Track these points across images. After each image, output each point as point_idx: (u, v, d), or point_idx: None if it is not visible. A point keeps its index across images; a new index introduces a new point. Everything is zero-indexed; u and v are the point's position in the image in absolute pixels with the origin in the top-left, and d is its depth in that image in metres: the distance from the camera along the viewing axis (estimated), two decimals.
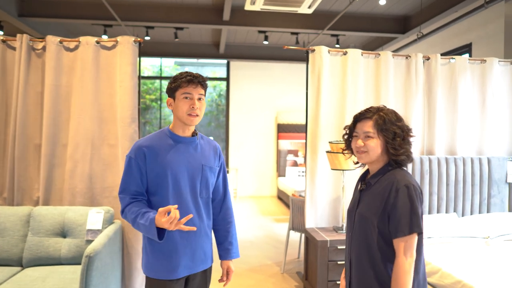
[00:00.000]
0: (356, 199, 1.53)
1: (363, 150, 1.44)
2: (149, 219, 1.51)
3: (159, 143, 1.67)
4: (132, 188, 1.64)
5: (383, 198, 1.39)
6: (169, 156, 1.64)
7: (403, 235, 1.34)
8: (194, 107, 1.61)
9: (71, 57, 2.96)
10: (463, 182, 3.41)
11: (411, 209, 1.34)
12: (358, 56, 3.38)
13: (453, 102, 3.52)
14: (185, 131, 1.69)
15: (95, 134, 2.96)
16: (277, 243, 4.78)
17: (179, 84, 1.63)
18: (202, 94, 1.66)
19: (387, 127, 1.41)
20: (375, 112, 1.44)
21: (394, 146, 1.41)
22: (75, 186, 2.94)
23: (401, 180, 1.38)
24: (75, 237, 2.68)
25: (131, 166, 1.64)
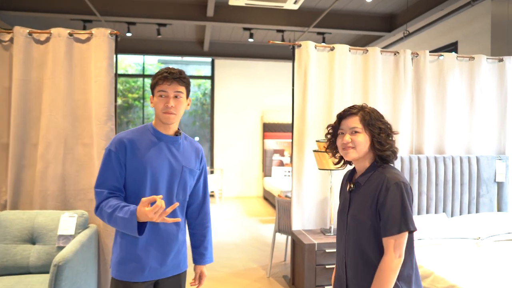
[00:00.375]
0: (346, 200, 1.50)
1: (351, 146, 1.42)
2: (130, 211, 1.44)
3: (141, 138, 1.60)
4: (110, 183, 1.55)
5: (374, 198, 1.37)
6: (151, 152, 1.58)
7: (392, 234, 1.32)
8: (168, 105, 1.55)
9: (41, 50, 2.77)
10: (452, 182, 3.34)
11: (402, 206, 1.32)
12: (345, 51, 3.27)
13: (442, 100, 3.45)
14: (166, 128, 1.62)
15: (68, 132, 2.78)
16: (263, 245, 4.64)
17: (156, 81, 1.58)
18: (179, 91, 1.58)
19: (373, 122, 1.42)
20: (359, 109, 1.45)
21: (380, 140, 1.41)
22: (47, 188, 2.75)
23: (391, 178, 1.36)
24: (46, 244, 2.49)
25: (110, 160, 1.55)
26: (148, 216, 1.38)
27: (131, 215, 1.43)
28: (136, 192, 1.56)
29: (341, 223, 1.51)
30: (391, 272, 1.31)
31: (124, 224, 1.45)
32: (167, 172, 1.59)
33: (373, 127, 1.41)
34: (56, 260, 2.09)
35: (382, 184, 1.36)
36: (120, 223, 1.46)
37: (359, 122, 1.42)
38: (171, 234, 1.62)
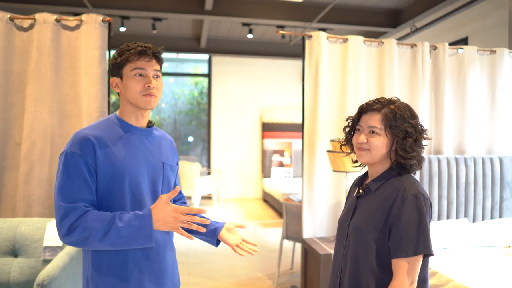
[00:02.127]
0: (351, 207, 1.28)
1: (365, 148, 1.21)
2: (139, 215, 1.14)
3: (108, 134, 1.24)
4: (82, 195, 1.16)
5: (386, 208, 1.16)
6: (124, 151, 1.24)
7: (406, 256, 1.10)
8: (150, 86, 1.22)
9: (24, 38, 2.48)
10: (474, 184, 3.10)
11: (419, 224, 1.11)
12: (359, 43, 3.02)
13: (462, 97, 3.21)
14: (138, 118, 1.29)
15: (55, 130, 2.49)
16: (267, 252, 4.37)
17: (127, 57, 1.23)
18: (158, 70, 1.28)
19: (398, 124, 1.18)
20: (385, 105, 1.21)
21: (404, 147, 1.18)
22: (31, 193, 2.46)
23: (409, 188, 1.15)
24: (29, 257, 2.20)
25: (76, 165, 1.16)
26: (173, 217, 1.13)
27: (144, 219, 1.13)
28: (112, 204, 1.21)
29: (341, 233, 1.30)
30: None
31: (135, 233, 1.13)
32: (147, 173, 1.28)
33: (396, 130, 1.18)
34: (40, 279, 1.80)
35: (397, 195, 1.15)
36: (127, 234, 1.12)
37: (379, 122, 1.20)
38: (163, 243, 1.30)
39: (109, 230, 1.12)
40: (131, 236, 1.13)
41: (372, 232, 1.17)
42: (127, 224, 1.13)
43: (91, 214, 1.14)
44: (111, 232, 1.12)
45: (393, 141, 1.20)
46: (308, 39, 2.94)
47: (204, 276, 3.61)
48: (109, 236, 1.12)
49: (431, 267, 2.39)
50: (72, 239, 1.13)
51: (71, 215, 1.13)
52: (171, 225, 1.15)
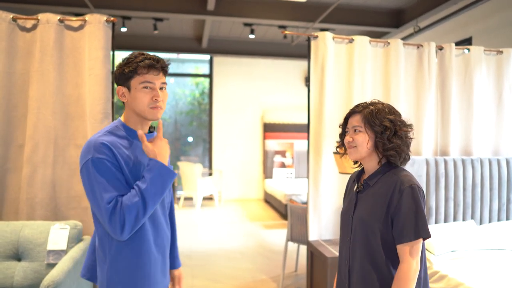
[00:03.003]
0: (352, 202, 1.43)
1: (352, 145, 1.36)
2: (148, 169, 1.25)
3: (117, 139, 1.30)
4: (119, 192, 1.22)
5: (385, 200, 1.31)
6: (134, 156, 1.31)
7: (409, 240, 1.27)
8: (158, 99, 1.29)
9: (28, 39, 2.44)
10: (481, 186, 3.07)
11: (417, 212, 1.27)
12: (365, 44, 2.99)
13: (468, 97, 3.18)
14: (143, 126, 1.36)
15: (58, 132, 2.45)
16: (270, 253, 4.33)
17: (136, 69, 1.27)
18: (164, 83, 1.34)
19: (375, 120, 1.33)
20: (365, 107, 1.38)
21: (382, 140, 1.32)
22: (35, 195, 2.43)
23: (405, 180, 1.30)
24: (33, 260, 2.16)
25: (107, 167, 1.22)
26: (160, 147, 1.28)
27: (153, 166, 1.24)
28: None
29: (345, 225, 1.44)
30: (410, 281, 1.25)
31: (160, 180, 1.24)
32: None
33: (374, 125, 1.32)
34: (45, 284, 1.77)
35: (394, 187, 1.30)
36: (156, 187, 1.23)
37: (360, 121, 1.35)
38: (167, 239, 1.42)
39: (143, 196, 1.21)
40: (160, 185, 1.24)
41: (376, 223, 1.31)
42: (148, 182, 1.22)
43: (125, 198, 1.21)
44: (145, 197, 1.21)
45: (375, 137, 1.33)
46: (314, 39, 2.91)
47: (208, 278, 3.57)
48: (148, 200, 1.21)
49: (440, 270, 2.36)
50: (128, 228, 1.19)
51: (115, 210, 1.19)
52: (167, 149, 1.31)
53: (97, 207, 1.20)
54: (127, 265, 1.27)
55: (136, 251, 1.28)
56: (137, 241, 1.28)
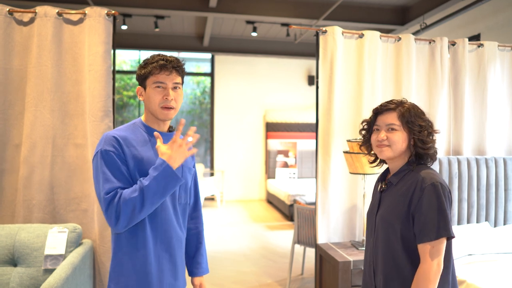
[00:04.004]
0: (376, 201, 1.41)
1: (386, 144, 1.33)
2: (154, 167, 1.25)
3: (134, 136, 1.35)
4: (121, 185, 1.27)
5: (407, 198, 1.28)
6: (148, 151, 1.35)
7: (429, 240, 1.22)
8: (168, 98, 1.33)
9: (25, 33, 2.33)
10: (495, 187, 2.96)
11: (439, 210, 1.22)
12: (376, 39, 2.88)
13: (482, 94, 3.07)
14: (160, 125, 1.41)
15: (57, 131, 2.34)
16: (275, 256, 4.22)
17: (150, 70, 1.34)
18: (178, 83, 1.38)
19: (413, 120, 1.32)
20: (398, 104, 1.36)
21: (422, 138, 1.31)
22: (32, 197, 2.31)
23: (427, 178, 1.26)
24: (30, 266, 2.05)
25: (112, 160, 1.27)
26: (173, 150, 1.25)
27: (160, 166, 1.23)
28: None
29: (369, 225, 1.43)
30: (430, 283, 1.20)
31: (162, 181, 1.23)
32: None
33: (412, 125, 1.32)
34: None
35: (416, 185, 1.27)
36: (157, 187, 1.23)
37: (397, 119, 1.33)
38: (179, 241, 1.41)
39: (143, 193, 1.22)
40: (161, 185, 1.23)
41: (398, 222, 1.28)
42: (152, 179, 1.22)
43: (125, 191, 1.24)
44: (145, 193, 1.21)
45: (410, 135, 1.32)
46: (323, 34, 2.80)
47: (212, 282, 3.47)
48: (146, 197, 1.21)
49: (458, 276, 2.25)
50: (123, 221, 1.21)
51: (113, 202, 1.22)
52: (183, 153, 1.27)
53: (98, 196, 1.27)
54: (128, 259, 1.31)
55: (133, 244, 1.30)
56: (134, 236, 1.30)
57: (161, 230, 1.34)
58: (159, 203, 1.27)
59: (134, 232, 1.30)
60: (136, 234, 1.30)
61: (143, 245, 1.31)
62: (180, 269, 1.42)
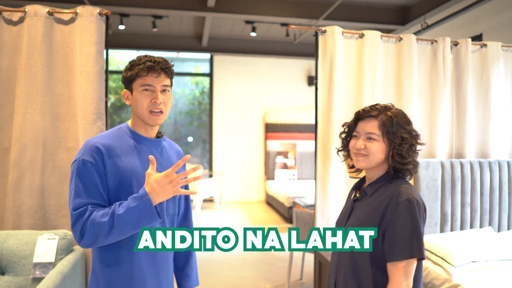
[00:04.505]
0: (348, 210, 1.34)
1: (363, 153, 1.25)
2: (135, 196, 1.15)
3: (118, 143, 1.27)
4: (93, 201, 1.19)
5: (380, 212, 1.21)
6: (133, 160, 1.26)
7: (401, 259, 1.15)
8: (157, 102, 1.26)
9: (14, 33, 2.26)
10: (499, 190, 2.89)
11: (413, 229, 1.16)
12: (377, 39, 2.80)
13: (485, 96, 3.00)
14: (148, 131, 1.33)
15: (47, 134, 2.27)
16: (273, 260, 4.15)
17: (137, 72, 1.26)
18: (167, 85, 1.30)
19: (395, 130, 1.23)
20: (382, 111, 1.25)
21: (401, 152, 1.22)
22: (22, 202, 2.25)
23: (404, 193, 1.19)
24: (18, 274, 1.98)
25: (87, 171, 1.20)
26: (160, 185, 1.13)
27: (140, 198, 1.14)
28: None
29: None
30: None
31: (137, 215, 1.14)
32: None
33: (393, 136, 1.22)
34: None
35: (391, 199, 1.20)
36: (130, 218, 1.14)
37: (377, 128, 1.24)
38: (165, 255, 1.34)
39: (113, 220, 1.14)
40: (135, 218, 1.14)
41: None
42: (127, 209, 1.14)
43: (98, 212, 1.16)
44: (115, 221, 1.13)
45: (390, 147, 1.23)
46: (322, 34, 2.73)
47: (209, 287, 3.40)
48: (116, 226, 1.13)
49: (461, 284, 2.18)
50: (87, 241, 1.15)
51: (81, 219, 1.15)
52: (171, 191, 1.16)
53: (69, 207, 1.20)
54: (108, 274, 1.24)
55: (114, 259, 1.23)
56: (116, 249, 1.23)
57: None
58: (130, 234, 1.18)
59: (116, 245, 1.22)
60: (119, 247, 1.23)
61: (126, 259, 1.23)
62: (165, 285, 1.34)
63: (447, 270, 2.29)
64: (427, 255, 2.48)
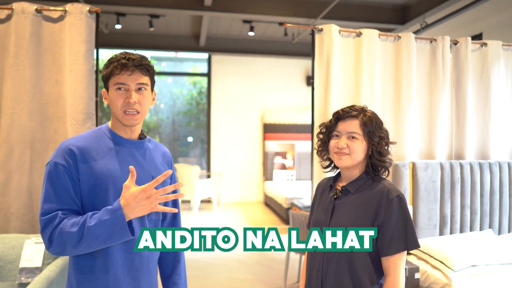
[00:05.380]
0: (328, 208, 1.34)
1: (345, 152, 1.29)
2: (109, 209, 1.09)
3: (95, 145, 1.21)
4: (63, 206, 1.13)
5: (371, 208, 1.26)
6: (110, 163, 1.20)
7: (397, 252, 1.23)
8: (130, 101, 1.18)
9: (1, 31, 2.22)
10: (499, 192, 2.83)
11: (406, 221, 1.24)
12: (374, 38, 2.74)
13: (485, 96, 2.94)
14: (127, 132, 1.26)
15: (36, 135, 2.22)
16: (271, 262, 4.09)
17: (111, 70, 1.20)
18: (143, 83, 1.21)
19: (374, 130, 1.30)
20: (360, 112, 1.32)
21: (380, 150, 1.30)
22: (9, 205, 2.19)
23: (392, 190, 1.26)
24: (3, 279, 1.92)
25: (59, 175, 1.14)
26: (136, 200, 1.07)
27: (113, 212, 1.07)
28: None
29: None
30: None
31: (108, 229, 1.07)
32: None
33: (372, 135, 1.29)
34: None
35: (381, 196, 1.25)
36: (100, 232, 1.07)
37: (359, 127, 1.29)
38: (146, 262, 1.25)
39: (83, 231, 1.08)
40: (106, 232, 1.08)
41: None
42: (98, 221, 1.08)
43: (69, 220, 1.10)
44: (85, 233, 1.07)
45: (369, 145, 1.29)
46: (318, 32, 2.67)
47: None
48: (85, 238, 1.07)
49: None
50: (55, 249, 1.10)
51: (50, 226, 1.10)
52: (148, 207, 1.10)
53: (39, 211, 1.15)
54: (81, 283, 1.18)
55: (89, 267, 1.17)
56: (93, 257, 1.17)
57: (123, 250, 1.18)
58: (99, 248, 1.11)
59: (90, 253, 1.15)
60: (94, 255, 1.16)
61: (100, 268, 1.16)
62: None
63: (446, 275, 2.23)
64: (425, 259, 2.43)
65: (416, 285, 2.25)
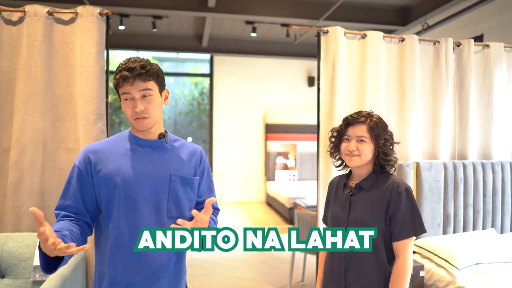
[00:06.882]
0: (345, 204, 1.50)
1: (355, 154, 1.45)
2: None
3: (114, 147, 1.31)
4: (69, 205, 1.26)
5: (384, 201, 1.43)
6: (123, 161, 1.28)
7: (407, 237, 1.41)
8: (136, 111, 1.24)
9: (14, 33, 2.24)
10: (502, 192, 2.87)
11: (413, 210, 1.42)
12: (379, 39, 2.78)
13: (487, 97, 2.99)
14: (144, 134, 1.32)
15: (47, 135, 2.25)
16: (275, 261, 4.13)
17: (117, 82, 1.26)
18: (146, 89, 1.25)
19: (380, 133, 1.46)
20: (367, 117, 1.48)
21: (385, 151, 1.47)
22: (21, 204, 2.22)
23: (401, 184, 1.44)
24: (17, 277, 1.96)
25: (72, 177, 1.29)
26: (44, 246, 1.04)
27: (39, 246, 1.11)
28: (109, 214, 1.27)
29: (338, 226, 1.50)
30: (407, 275, 1.40)
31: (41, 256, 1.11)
32: (149, 184, 1.28)
33: (379, 138, 1.45)
34: None
35: (392, 189, 1.43)
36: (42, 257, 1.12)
37: (366, 132, 1.45)
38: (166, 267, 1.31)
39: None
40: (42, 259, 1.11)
41: (377, 222, 1.42)
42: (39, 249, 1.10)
43: (57, 222, 1.21)
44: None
45: (376, 147, 1.46)
46: (324, 34, 2.71)
47: None
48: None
49: (465, 286, 2.16)
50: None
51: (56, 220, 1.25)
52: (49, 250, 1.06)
53: None
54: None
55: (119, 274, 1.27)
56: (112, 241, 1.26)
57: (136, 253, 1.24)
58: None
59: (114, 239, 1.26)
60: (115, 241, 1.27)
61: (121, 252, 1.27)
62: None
63: (450, 272, 2.27)
64: (430, 257, 2.47)
65: (421, 283, 2.29)
